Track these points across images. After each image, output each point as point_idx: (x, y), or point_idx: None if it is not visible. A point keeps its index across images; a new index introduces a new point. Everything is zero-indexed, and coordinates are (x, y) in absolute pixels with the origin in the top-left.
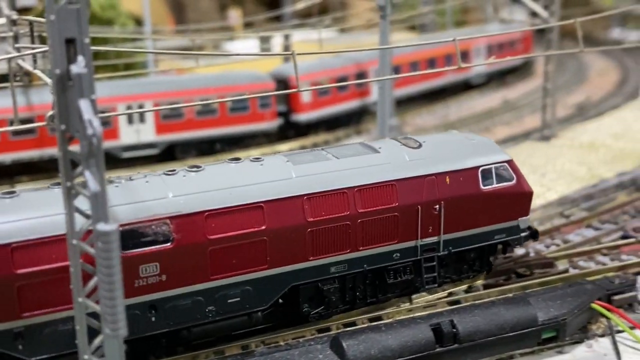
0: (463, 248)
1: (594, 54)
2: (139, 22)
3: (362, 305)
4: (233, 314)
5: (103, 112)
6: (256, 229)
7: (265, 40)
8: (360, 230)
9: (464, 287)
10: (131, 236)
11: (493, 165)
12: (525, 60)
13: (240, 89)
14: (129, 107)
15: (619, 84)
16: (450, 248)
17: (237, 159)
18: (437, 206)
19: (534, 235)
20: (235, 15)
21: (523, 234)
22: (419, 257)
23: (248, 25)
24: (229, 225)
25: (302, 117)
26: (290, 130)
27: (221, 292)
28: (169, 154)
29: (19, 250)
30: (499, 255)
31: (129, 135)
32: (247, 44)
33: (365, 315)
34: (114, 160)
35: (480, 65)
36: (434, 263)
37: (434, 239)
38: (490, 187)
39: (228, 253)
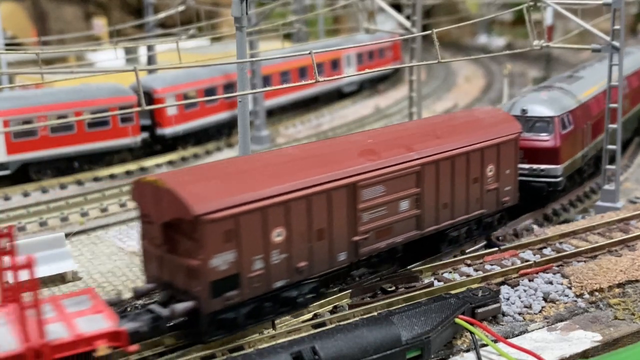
0: None
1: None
2: None
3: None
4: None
5: None
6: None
7: (131, 50)
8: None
9: (330, 307)
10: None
11: None
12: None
13: (99, 103)
14: None
15: (484, 90)
16: None
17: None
18: None
19: None
20: (100, 24)
21: None
22: None
23: (114, 34)
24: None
25: (168, 131)
26: (156, 145)
27: None
28: (24, 174)
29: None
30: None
31: None
32: (111, 54)
33: (225, 347)
34: None
35: (341, 78)
36: None
37: None
38: None
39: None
